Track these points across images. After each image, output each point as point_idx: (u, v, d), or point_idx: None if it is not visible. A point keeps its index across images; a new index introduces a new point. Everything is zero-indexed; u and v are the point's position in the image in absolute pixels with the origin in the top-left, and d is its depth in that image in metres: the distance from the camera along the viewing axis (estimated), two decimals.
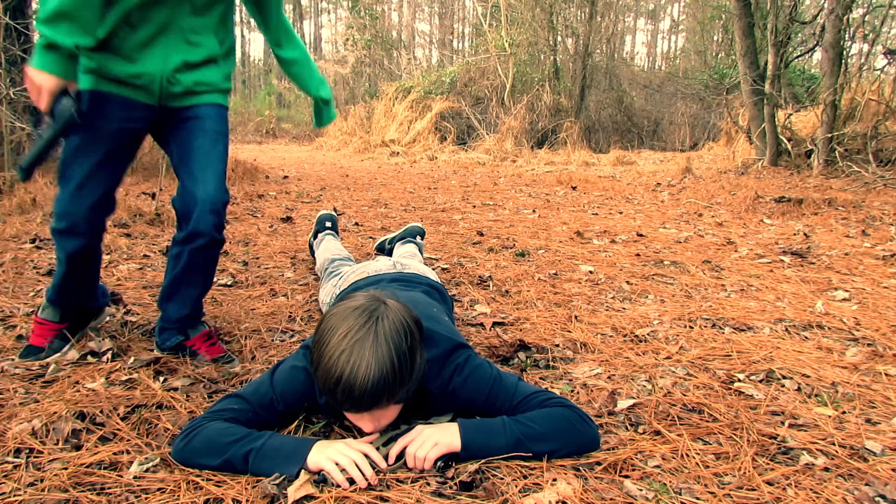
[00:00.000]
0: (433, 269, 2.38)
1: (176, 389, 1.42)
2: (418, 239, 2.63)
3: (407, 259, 2.19)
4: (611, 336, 1.88)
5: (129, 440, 1.18)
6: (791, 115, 6.78)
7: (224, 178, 1.55)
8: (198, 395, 1.41)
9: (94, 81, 1.46)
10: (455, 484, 1.06)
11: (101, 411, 1.27)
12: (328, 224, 2.71)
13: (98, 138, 1.45)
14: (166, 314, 1.63)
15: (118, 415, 1.26)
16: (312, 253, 2.65)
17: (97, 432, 1.20)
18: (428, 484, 1.07)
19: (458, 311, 2.10)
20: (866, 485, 1.10)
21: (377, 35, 15.66)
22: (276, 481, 1.05)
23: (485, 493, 1.04)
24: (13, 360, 1.54)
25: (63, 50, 1.31)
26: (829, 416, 1.36)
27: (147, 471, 1.09)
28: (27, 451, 1.13)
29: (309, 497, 1.02)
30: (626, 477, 1.11)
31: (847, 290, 2.37)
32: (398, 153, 10.05)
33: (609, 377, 1.57)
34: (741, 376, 1.57)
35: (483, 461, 1.12)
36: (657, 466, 1.15)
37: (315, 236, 2.68)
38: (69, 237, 1.47)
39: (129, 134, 1.52)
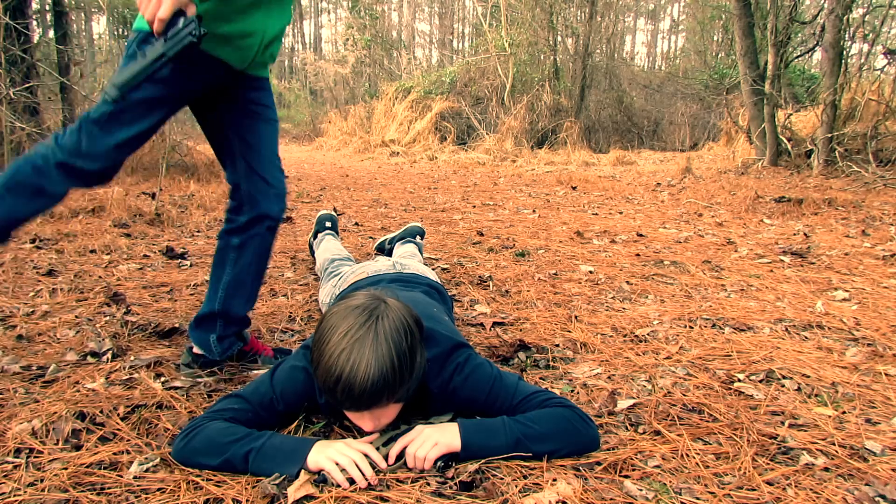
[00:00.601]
0: (433, 269, 2.38)
1: (176, 389, 1.42)
2: (418, 239, 2.63)
3: (407, 259, 2.19)
4: (611, 336, 1.87)
5: (129, 440, 1.18)
6: (791, 115, 6.78)
7: None
8: (198, 395, 1.41)
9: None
10: (455, 484, 1.06)
11: (101, 411, 1.27)
12: (328, 224, 2.71)
13: (174, 97, 1.35)
14: (228, 315, 1.53)
15: (118, 415, 1.26)
16: (312, 253, 2.65)
17: (97, 432, 1.20)
18: (428, 484, 1.07)
19: (458, 311, 2.10)
20: (866, 485, 1.10)
21: (377, 35, 15.66)
22: (276, 481, 1.05)
23: (485, 493, 1.04)
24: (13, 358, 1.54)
25: None
26: (829, 416, 1.36)
27: (147, 471, 1.09)
28: (27, 451, 1.13)
29: (309, 497, 1.02)
30: (626, 477, 1.11)
31: (847, 290, 2.37)
32: (398, 153, 10.06)
33: (609, 377, 1.57)
34: (741, 376, 1.57)
35: (483, 461, 1.12)
36: (657, 466, 1.15)
37: (315, 236, 2.68)
38: (88, 179, 1.34)
39: (196, 97, 1.45)
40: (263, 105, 1.52)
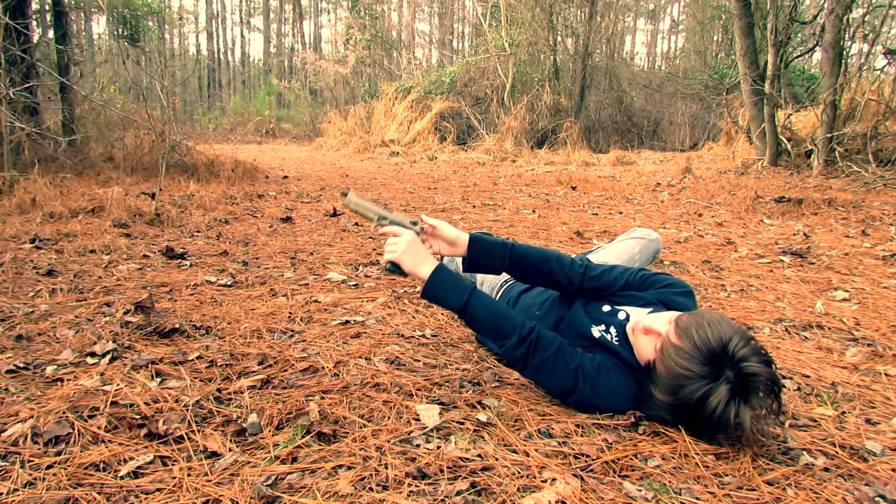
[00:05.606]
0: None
1: (173, 389, 1.42)
2: None
3: None
4: None
5: (127, 440, 1.18)
6: (791, 115, 6.79)
7: None
8: (196, 396, 1.41)
9: None
10: (453, 485, 1.06)
11: (101, 411, 1.26)
12: None
13: None
14: None
15: (117, 415, 1.26)
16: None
17: (96, 432, 1.20)
18: (427, 485, 1.07)
19: None
20: (866, 485, 1.10)
21: (377, 35, 15.66)
22: (269, 482, 1.05)
23: (484, 493, 1.04)
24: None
25: None
26: (829, 416, 1.36)
27: (146, 470, 1.09)
28: (27, 450, 1.13)
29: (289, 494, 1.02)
30: (626, 477, 1.11)
31: (847, 290, 2.37)
32: (398, 153, 10.06)
33: None
34: None
35: (481, 462, 1.12)
36: (657, 466, 1.15)
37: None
38: None
39: None
40: None
